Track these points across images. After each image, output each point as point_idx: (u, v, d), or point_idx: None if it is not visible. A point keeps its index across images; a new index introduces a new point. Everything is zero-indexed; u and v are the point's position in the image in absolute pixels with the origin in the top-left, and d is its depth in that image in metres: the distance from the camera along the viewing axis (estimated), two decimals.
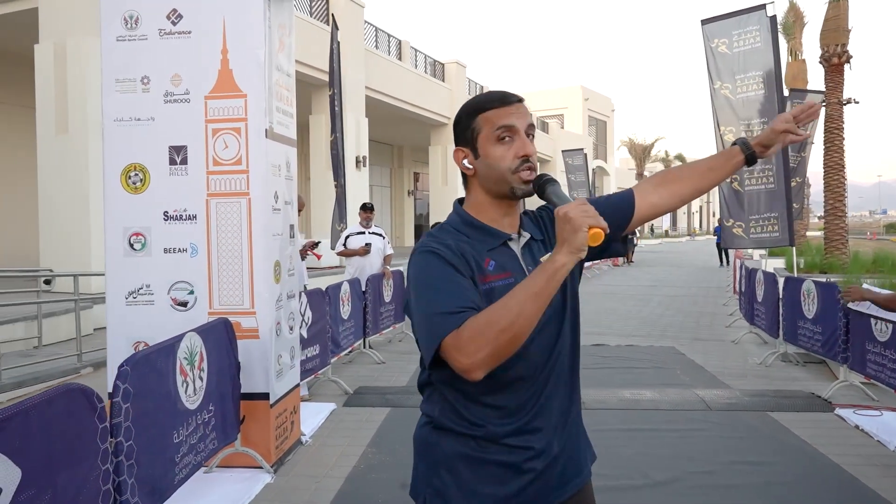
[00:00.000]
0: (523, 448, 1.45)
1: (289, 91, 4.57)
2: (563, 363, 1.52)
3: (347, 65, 17.94)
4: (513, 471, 1.46)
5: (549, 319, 1.47)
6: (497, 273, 1.47)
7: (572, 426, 1.55)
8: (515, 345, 1.29)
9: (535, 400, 1.47)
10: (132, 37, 4.16)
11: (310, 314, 5.69)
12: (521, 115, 1.49)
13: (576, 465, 1.55)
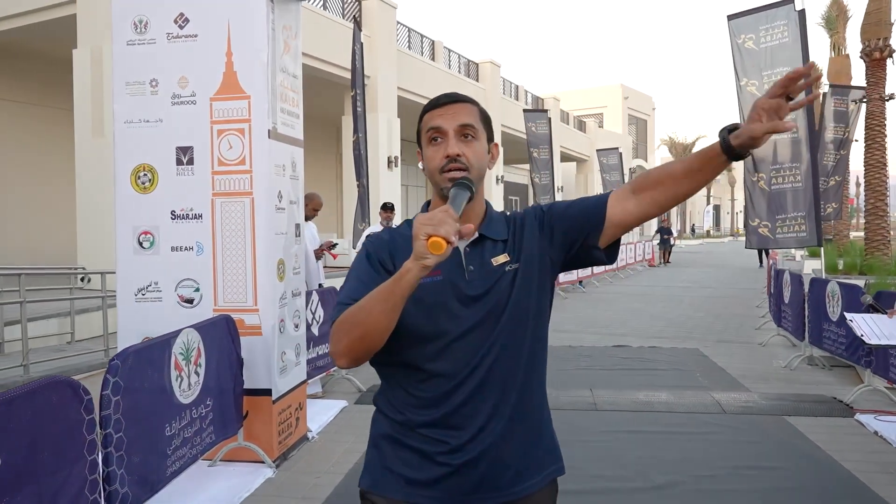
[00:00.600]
0: (437, 440, 1.48)
1: (295, 92, 4.64)
2: (497, 370, 1.48)
3: (379, 66, 18.10)
4: (427, 459, 1.48)
5: (478, 323, 1.47)
6: None
7: (512, 437, 1.50)
8: (369, 341, 1.34)
9: (455, 398, 1.47)
10: (141, 41, 4.27)
11: (321, 312, 5.76)
12: (451, 117, 1.50)
13: (502, 477, 1.49)
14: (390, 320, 1.33)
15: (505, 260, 1.52)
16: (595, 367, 7.26)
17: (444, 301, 1.48)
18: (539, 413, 1.57)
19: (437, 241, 1.23)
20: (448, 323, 1.47)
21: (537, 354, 1.55)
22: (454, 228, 1.25)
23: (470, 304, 1.48)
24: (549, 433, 1.61)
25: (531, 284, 1.52)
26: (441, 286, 1.49)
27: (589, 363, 7.49)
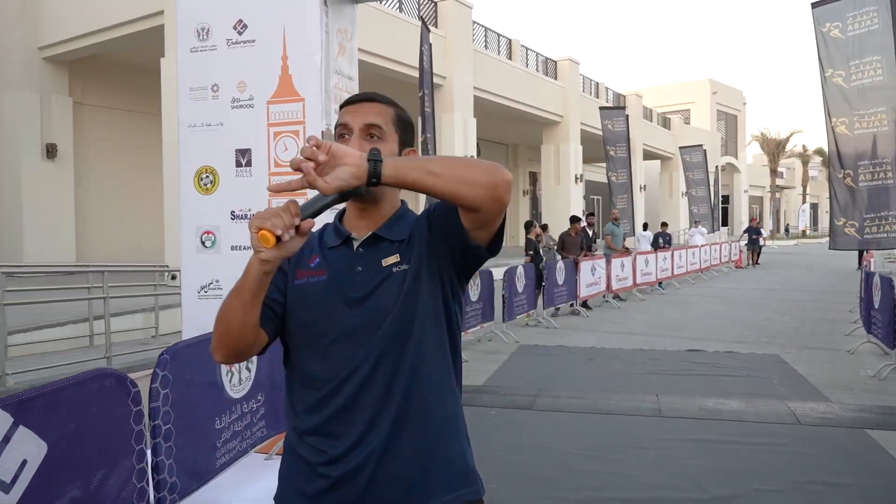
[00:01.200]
0: (318, 449, 1.44)
1: (350, 94, 4.70)
2: (377, 376, 1.42)
3: (455, 66, 18.18)
4: (311, 470, 1.45)
5: (358, 325, 1.42)
6: (315, 270, 1.49)
7: (397, 451, 1.42)
8: (231, 336, 1.39)
9: (333, 403, 1.43)
10: (203, 48, 4.44)
11: None
12: (360, 115, 1.48)
13: (388, 494, 1.42)
14: (245, 315, 1.35)
15: (394, 261, 1.46)
16: (664, 372, 7.02)
17: (326, 302, 1.45)
18: (439, 428, 1.46)
19: (265, 234, 1.23)
20: (327, 324, 1.44)
21: (431, 362, 1.45)
22: (284, 223, 1.23)
23: (353, 306, 1.44)
24: (458, 451, 1.50)
25: (420, 286, 1.45)
26: (324, 286, 1.47)
27: (658, 367, 7.25)
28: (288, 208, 1.25)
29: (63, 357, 6.83)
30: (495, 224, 1.40)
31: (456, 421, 1.51)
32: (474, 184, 1.28)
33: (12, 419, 2.24)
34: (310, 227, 1.28)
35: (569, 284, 11.27)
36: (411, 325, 1.43)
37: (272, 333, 1.49)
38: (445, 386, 1.49)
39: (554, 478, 4.12)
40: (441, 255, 1.46)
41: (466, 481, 1.49)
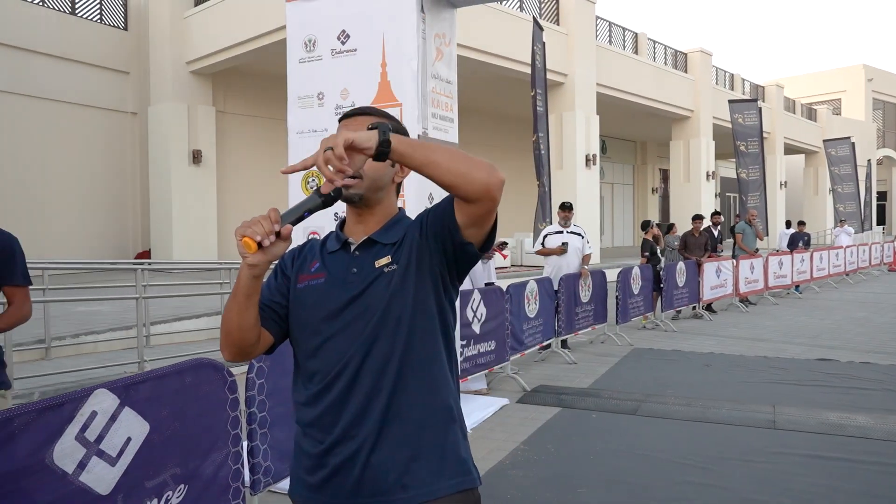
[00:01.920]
0: (316, 440, 1.55)
1: (448, 97, 4.80)
2: (366, 371, 1.51)
3: (577, 63, 17.90)
4: (315, 461, 1.55)
5: (349, 323, 1.52)
6: (315, 273, 1.59)
7: (386, 441, 1.50)
8: (233, 336, 1.52)
9: (328, 396, 1.53)
10: (310, 58, 4.70)
11: (483, 310, 5.89)
12: (352, 127, 1.58)
13: (382, 482, 1.50)
14: (240, 316, 1.48)
15: (386, 262, 1.54)
16: (786, 382, 6.58)
17: (322, 302, 1.55)
18: (430, 418, 1.53)
19: (247, 241, 1.35)
20: (323, 322, 1.54)
21: (421, 355, 1.53)
22: (264, 230, 1.35)
23: (347, 306, 1.53)
24: (451, 441, 1.56)
25: (408, 286, 1.52)
26: (321, 287, 1.57)
27: (781, 377, 6.81)
28: (268, 216, 1.38)
29: (197, 347, 7.42)
30: (487, 223, 1.49)
31: (449, 412, 1.58)
32: (471, 177, 1.38)
33: (119, 401, 2.51)
34: (289, 232, 1.40)
35: (690, 286, 10.80)
36: (399, 321, 1.52)
37: (277, 334, 1.62)
38: (437, 378, 1.57)
39: (648, 486, 4.01)
40: (433, 254, 1.53)
41: (459, 471, 1.56)
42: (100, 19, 16.53)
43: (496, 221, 1.51)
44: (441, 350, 1.58)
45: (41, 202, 14.80)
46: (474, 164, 1.39)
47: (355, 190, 1.54)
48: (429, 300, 1.55)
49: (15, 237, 2.79)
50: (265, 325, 1.58)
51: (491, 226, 1.51)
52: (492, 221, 1.50)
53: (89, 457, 2.39)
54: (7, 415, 2.19)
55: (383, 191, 1.60)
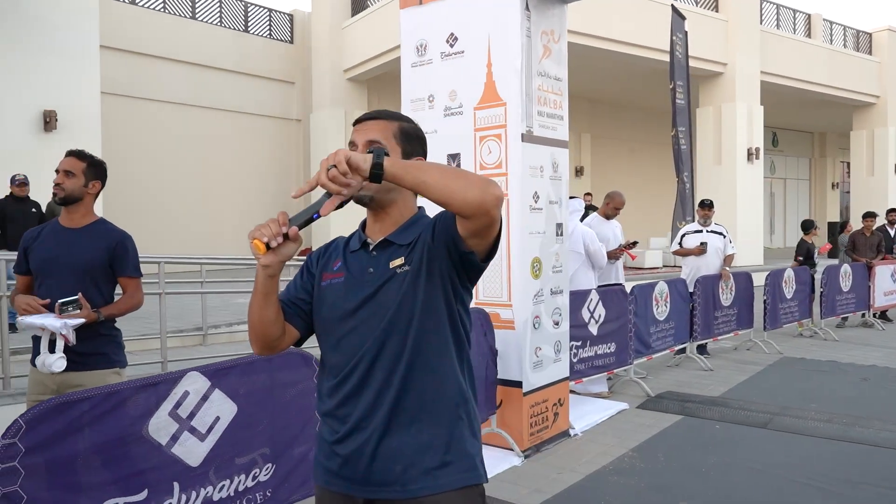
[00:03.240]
0: (333, 430, 1.64)
1: (557, 95, 4.74)
2: (378, 367, 1.59)
3: (738, 51, 16.82)
4: (331, 449, 1.63)
5: (364, 321, 1.59)
6: (336, 272, 1.66)
7: (394, 434, 1.58)
8: (255, 330, 1.63)
9: (344, 389, 1.62)
10: (422, 62, 4.84)
11: (602, 311, 5.73)
12: (363, 132, 1.65)
13: (389, 473, 1.58)
14: (261, 312, 1.58)
15: (399, 263, 1.59)
16: None
17: (341, 300, 1.63)
18: (437, 415, 1.59)
19: (256, 243, 1.43)
20: (340, 319, 1.62)
21: (430, 355, 1.59)
22: (271, 232, 1.44)
23: (362, 304, 1.60)
24: (458, 438, 1.61)
25: (419, 286, 1.58)
26: (340, 286, 1.65)
27: None
28: (277, 219, 1.47)
29: None
30: (489, 235, 1.51)
31: (457, 409, 1.62)
32: (463, 196, 1.41)
33: (209, 383, 2.77)
34: (296, 234, 1.48)
35: (858, 291, 9.76)
36: (410, 321, 1.58)
37: (302, 329, 1.72)
38: (446, 376, 1.62)
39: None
40: (441, 258, 1.57)
41: (464, 466, 1.60)
42: (269, 35, 17.96)
43: (500, 233, 1.54)
44: (451, 350, 1.63)
45: (214, 203, 16.31)
46: (467, 182, 1.42)
47: (365, 192, 1.61)
48: (438, 302, 1.60)
49: (128, 235, 3.16)
50: (290, 321, 1.69)
51: (494, 237, 1.54)
52: (494, 234, 1.52)
53: (181, 431, 2.67)
54: (109, 390, 2.51)
55: (395, 191, 1.64)
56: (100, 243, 3.09)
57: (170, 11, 15.91)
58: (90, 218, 3.15)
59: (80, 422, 2.39)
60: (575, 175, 21.11)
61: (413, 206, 1.72)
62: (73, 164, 3.06)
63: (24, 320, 2.91)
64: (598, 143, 21.79)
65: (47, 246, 3.07)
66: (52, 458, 2.32)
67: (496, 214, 1.45)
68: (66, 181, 3.04)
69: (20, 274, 3.15)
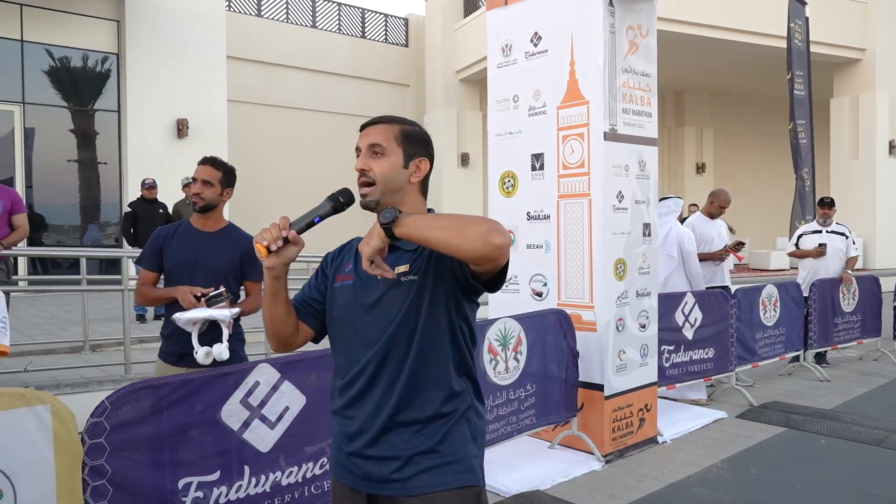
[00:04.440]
0: (341, 428, 1.73)
1: (645, 91, 4.60)
2: (383, 371, 1.65)
3: (878, 35, 15.50)
4: (340, 444, 1.71)
5: (369, 326, 1.65)
6: (346, 275, 1.71)
7: (393, 435, 1.64)
8: (266, 326, 1.74)
9: (352, 389, 1.69)
10: (507, 62, 4.85)
11: (698, 315, 5.49)
12: (366, 137, 1.71)
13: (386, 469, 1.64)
14: (271, 312, 1.67)
15: (404, 270, 1.62)
16: None
17: (349, 302, 1.68)
18: (433, 422, 1.64)
19: (258, 247, 1.52)
20: (347, 322, 1.68)
21: (431, 365, 1.64)
22: (272, 236, 1.52)
23: (368, 309, 1.65)
24: (456, 446, 1.65)
25: (424, 299, 1.63)
26: (348, 290, 1.70)
27: None
28: (278, 224, 1.56)
29: None
30: (494, 269, 1.55)
31: (457, 415, 1.67)
32: (465, 249, 1.47)
33: (280, 374, 2.94)
34: (296, 237, 1.57)
35: None
36: (413, 333, 1.63)
37: (316, 328, 1.80)
38: (447, 385, 1.66)
39: None
40: (446, 274, 1.62)
41: (460, 468, 1.65)
42: (385, 39, 18.51)
43: (507, 265, 1.58)
44: (452, 359, 1.68)
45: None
46: (468, 236, 1.46)
47: (370, 197, 1.68)
48: (441, 316, 1.65)
49: None
50: (303, 320, 1.78)
51: (500, 268, 1.57)
52: (500, 267, 1.56)
53: (252, 418, 2.85)
54: (186, 377, 2.73)
55: (400, 193, 1.70)
56: (233, 248, 3.28)
57: (292, 21, 16.77)
58: (222, 223, 3.36)
59: (160, 405, 2.62)
60: (696, 172, 20.24)
61: (420, 209, 1.75)
62: (210, 173, 3.23)
63: (184, 316, 3.03)
64: (722, 139, 20.75)
65: (184, 248, 3.26)
66: (134, 437, 2.55)
67: (502, 261, 1.50)
68: (205, 190, 3.21)
69: (148, 270, 3.31)
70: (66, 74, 11.08)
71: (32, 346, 6.17)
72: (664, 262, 6.10)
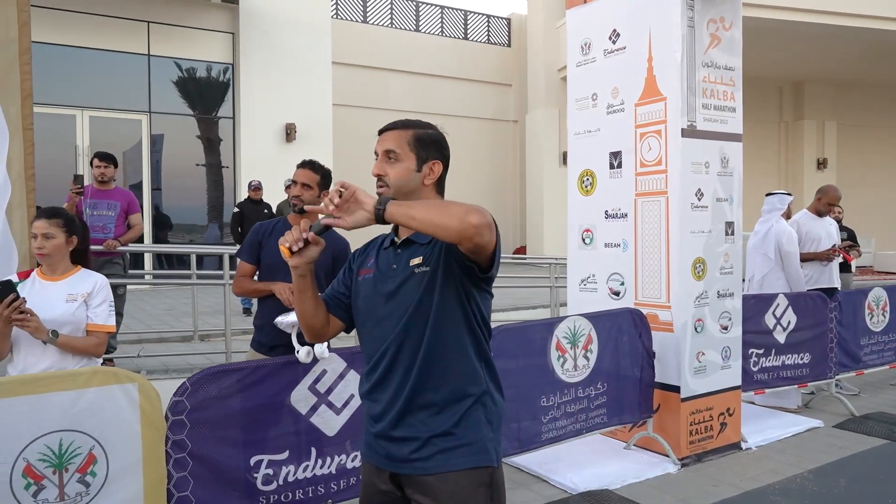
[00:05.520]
0: (369, 410, 1.84)
1: (729, 85, 4.46)
2: (400, 358, 1.77)
3: None
4: (368, 425, 1.85)
5: (388, 315, 1.77)
6: (368, 269, 1.84)
7: (410, 418, 1.76)
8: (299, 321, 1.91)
9: (375, 375, 1.82)
10: (586, 61, 4.84)
11: (792, 318, 5.24)
12: (381, 143, 1.82)
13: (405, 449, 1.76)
14: (300, 306, 1.85)
15: (418, 262, 1.73)
16: None
17: (370, 293, 1.81)
18: (449, 405, 1.75)
19: (282, 249, 1.66)
20: (370, 313, 1.81)
21: (446, 350, 1.74)
22: (293, 238, 1.66)
23: (387, 299, 1.77)
24: (471, 429, 1.76)
25: (434, 287, 1.72)
26: (370, 282, 1.82)
27: None
28: (299, 226, 1.71)
29: None
30: (484, 252, 1.66)
31: (472, 399, 1.78)
32: (444, 227, 1.59)
33: (346, 363, 3.13)
34: (316, 238, 1.72)
35: None
36: (427, 319, 1.75)
37: (345, 320, 1.95)
38: (463, 370, 1.77)
39: None
40: (453, 264, 1.73)
41: (474, 450, 1.76)
42: (487, 40, 18.65)
43: (496, 250, 1.68)
44: (467, 345, 1.79)
45: None
46: (447, 215, 1.58)
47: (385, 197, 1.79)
48: (453, 303, 1.76)
49: (348, 242, 3.43)
50: (333, 313, 1.94)
51: (489, 255, 1.68)
52: (488, 251, 1.67)
53: (319, 404, 3.06)
54: (258, 363, 2.97)
55: (415, 194, 1.82)
56: (327, 249, 3.49)
57: (396, 26, 17.24)
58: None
59: (234, 388, 2.87)
60: (817, 168, 19.03)
61: None
62: (309, 176, 3.42)
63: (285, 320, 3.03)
64: (847, 133, 19.38)
65: None
66: (211, 416, 2.81)
67: (480, 240, 1.59)
68: (305, 193, 3.40)
69: (248, 262, 3.49)
70: (187, 85, 11.96)
71: (149, 334, 6.76)
72: (761, 261, 5.86)
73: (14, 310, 2.62)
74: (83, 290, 2.90)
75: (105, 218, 5.30)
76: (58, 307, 2.82)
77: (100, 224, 5.25)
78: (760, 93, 17.72)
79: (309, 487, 3.03)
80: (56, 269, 2.92)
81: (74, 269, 2.98)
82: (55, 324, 2.78)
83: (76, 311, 2.85)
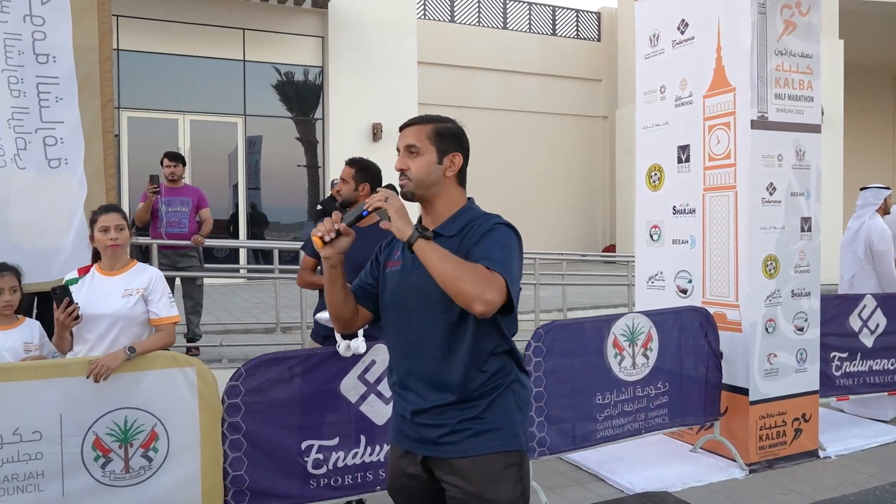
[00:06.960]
0: (398, 399, 1.95)
1: (806, 73, 4.24)
2: (423, 347, 1.83)
3: None
4: (398, 413, 1.92)
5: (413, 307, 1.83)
6: (395, 261, 1.90)
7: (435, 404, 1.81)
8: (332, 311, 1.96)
9: (402, 365, 1.90)
10: (654, 53, 4.72)
11: (882, 320, 4.91)
12: (403, 138, 1.87)
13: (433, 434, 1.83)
14: (331, 297, 1.90)
15: None
16: None
17: (397, 285, 1.87)
18: (474, 391, 1.80)
19: (315, 240, 1.75)
20: (396, 304, 1.86)
21: (470, 337, 1.78)
22: (325, 228, 1.75)
23: (412, 291, 1.81)
24: (499, 414, 1.82)
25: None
26: (396, 274, 1.87)
27: None
28: (332, 218, 1.79)
29: None
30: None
31: (501, 387, 1.84)
32: (455, 293, 1.68)
33: None
34: (347, 229, 1.80)
35: None
36: (445, 310, 1.79)
37: (373, 310, 2.01)
38: (488, 360, 1.82)
39: None
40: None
41: (502, 435, 1.83)
42: (576, 35, 18.38)
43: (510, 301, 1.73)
44: (488, 336, 1.82)
45: (531, 201, 17.17)
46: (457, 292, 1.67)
47: (406, 189, 1.87)
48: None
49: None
50: (361, 304, 2.00)
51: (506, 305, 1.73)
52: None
53: (369, 393, 3.16)
54: (309, 352, 3.11)
55: (436, 186, 1.87)
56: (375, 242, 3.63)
57: (484, 24, 17.28)
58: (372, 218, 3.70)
59: (286, 374, 3.02)
60: None
61: (458, 199, 1.91)
62: (345, 171, 3.58)
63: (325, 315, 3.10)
64: None
65: None
66: (264, 400, 2.97)
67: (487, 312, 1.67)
68: (343, 187, 3.58)
69: (309, 255, 3.65)
70: (280, 88, 12.48)
71: (235, 325, 7.13)
72: (850, 260, 5.53)
73: (69, 315, 2.76)
74: (139, 284, 2.98)
75: (179, 214, 5.66)
76: (115, 302, 2.91)
77: (175, 219, 5.62)
78: (872, 82, 16.55)
79: (358, 473, 3.14)
80: (118, 262, 2.99)
81: (132, 263, 3.06)
82: (112, 318, 2.89)
83: (133, 306, 2.93)
